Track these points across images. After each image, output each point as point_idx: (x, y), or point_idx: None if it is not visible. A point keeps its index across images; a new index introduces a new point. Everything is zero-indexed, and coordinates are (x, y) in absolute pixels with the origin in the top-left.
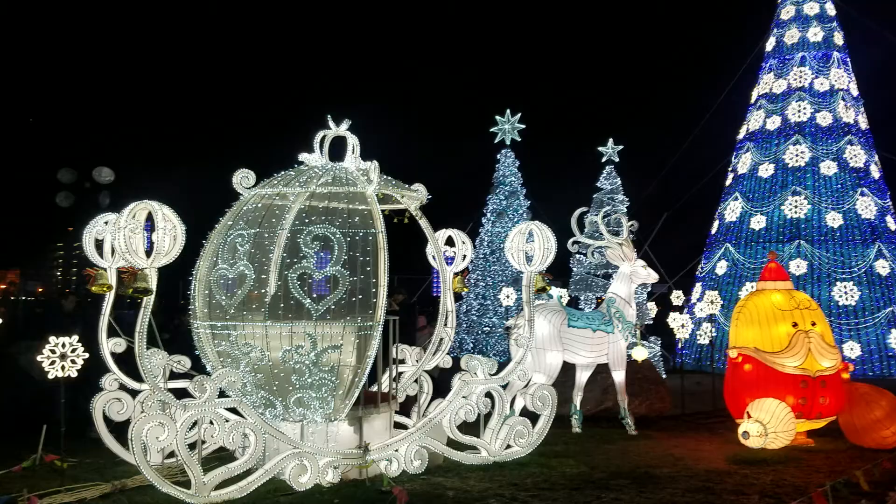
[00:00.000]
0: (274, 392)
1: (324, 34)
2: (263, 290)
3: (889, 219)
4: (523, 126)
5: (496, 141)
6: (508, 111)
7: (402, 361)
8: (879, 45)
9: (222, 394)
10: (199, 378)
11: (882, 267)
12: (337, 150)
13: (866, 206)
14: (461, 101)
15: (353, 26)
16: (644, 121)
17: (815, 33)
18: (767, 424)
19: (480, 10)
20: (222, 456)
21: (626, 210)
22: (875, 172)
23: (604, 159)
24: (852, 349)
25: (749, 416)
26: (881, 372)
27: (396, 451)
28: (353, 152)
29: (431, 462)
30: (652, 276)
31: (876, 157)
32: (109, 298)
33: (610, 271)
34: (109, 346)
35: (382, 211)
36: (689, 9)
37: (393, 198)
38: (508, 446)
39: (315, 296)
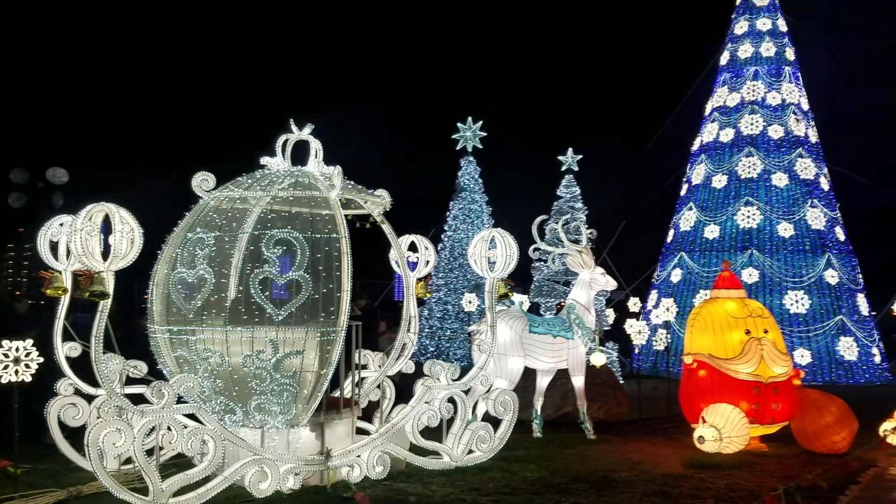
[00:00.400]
0: (234, 398)
1: (286, 37)
2: (223, 295)
3: (838, 229)
4: (484, 134)
5: (458, 148)
6: (470, 119)
7: (365, 367)
8: (829, 61)
9: (180, 399)
10: (156, 383)
11: (831, 276)
12: (300, 154)
13: (816, 217)
14: (424, 107)
15: (318, 29)
16: (603, 131)
17: (768, 48)
18: (722, 429)
19: (444, 18)
20: (180, 462)
21: (584, 218)
22: (825, 184)
23: (563, 168)
24: (803, 356)
25: (704, 421)
26: (830, 379)
27: (358, 456)
28: (316, 156)
29: (394, 467)
30: (610, 284)
31: (825, 170)
32: (65, 302)
33: (570, 278)
34: (65, 350)
35: (345, 216)
36: (648, 22)
37: (356, 203)
38: (470, 451)
39: (277, 301)
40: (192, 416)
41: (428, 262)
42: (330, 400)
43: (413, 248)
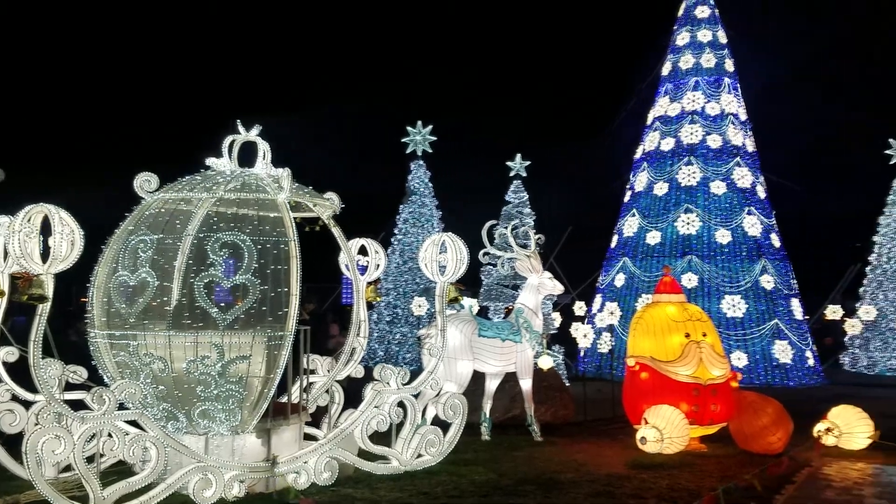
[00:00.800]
0: (177, 404)
1: (234, 37)
2: (166, 299)
3: (773, 236)
4: (434, 138)
5: (408, 151)
6: (420, 122)
7: (313, 371)
8: (766, 72)
9: (122, 406)
10: (97, 389)
11: (767, 281)
12: (247, 156)
13: (752, 224)
14: (374, 110)
15: (266, 30)
16: (551, 138)
17: (708, 59)
18: (663, 430)
19: (395, 21)
20: (122, 470)
21: (533, 223)
22: (761, 192)
23: (512, 173)
24: (740, 359)
25: (646, 422)
26: (766, 381)
27: (306, 463)
28: (263, 158)
29: (342, 473)
30: (558, 288)
31: (762, 178)
32: (1, 305)
33: (518, 282)
34: (1, 354)
35: (294, 218)
36: (595, 30)
37: (304, 206)
38: (419, 455)
39: (222, 305)
40: (133, 423)
41: (378, 265)
42: (277, 405)
43: (363, 251)
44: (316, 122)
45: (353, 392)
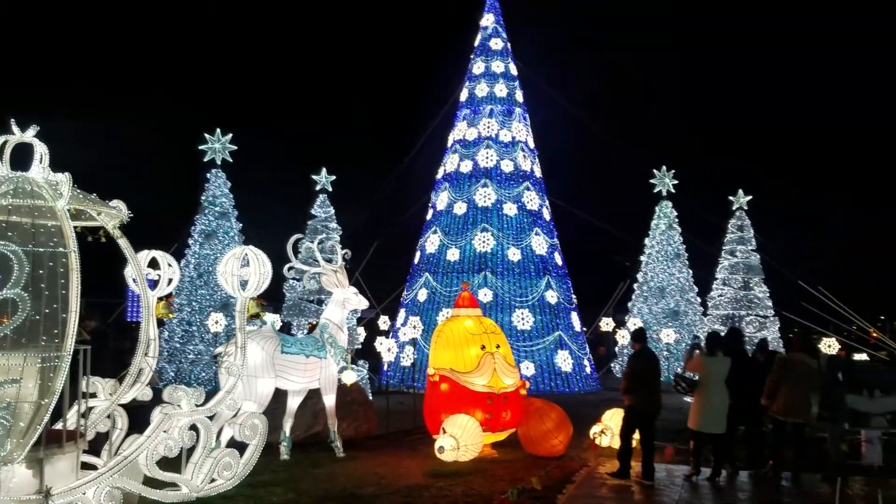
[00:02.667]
0: None
1: (11, 35)
2: None
3: (556, 255)
4: (235, 147)
5: (205, 160)
6: (219, 130)
7: (94, 395)
8: (550, 104)
9: None
10: None
11: (551, 296)
12: (22, 159)
13: (539, 244)
14: (166, 116)
15: (49, 28)
16: (359, 155)
17: (501, 89)
18: (460, 439)
19: (198, 28)
20: None
21: (339, 238)
22: (546, 215)
23: (318, 187)
24: (528, 368)
25: (444, 432)
26: (550, 388)
27: (84, 494)
28: (41, 161)
29: (127, 503)
30: (363, 303)
31: (547, 202)
32: None
33: (322, 297)
34: None
35: (75, 228)
36: (403, 49)
37: (87, 214)
38: (213, 480)
39: None
40: None
41: (170, 280)
42: (51, 433)
43: (154, 264)
44: (103, 126)
45: (141, 416)
